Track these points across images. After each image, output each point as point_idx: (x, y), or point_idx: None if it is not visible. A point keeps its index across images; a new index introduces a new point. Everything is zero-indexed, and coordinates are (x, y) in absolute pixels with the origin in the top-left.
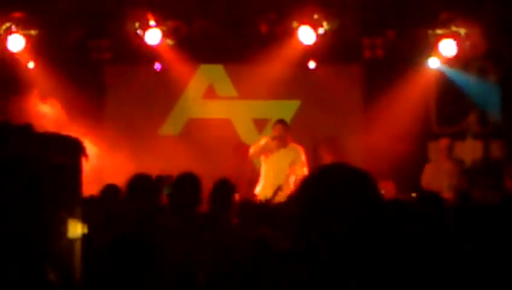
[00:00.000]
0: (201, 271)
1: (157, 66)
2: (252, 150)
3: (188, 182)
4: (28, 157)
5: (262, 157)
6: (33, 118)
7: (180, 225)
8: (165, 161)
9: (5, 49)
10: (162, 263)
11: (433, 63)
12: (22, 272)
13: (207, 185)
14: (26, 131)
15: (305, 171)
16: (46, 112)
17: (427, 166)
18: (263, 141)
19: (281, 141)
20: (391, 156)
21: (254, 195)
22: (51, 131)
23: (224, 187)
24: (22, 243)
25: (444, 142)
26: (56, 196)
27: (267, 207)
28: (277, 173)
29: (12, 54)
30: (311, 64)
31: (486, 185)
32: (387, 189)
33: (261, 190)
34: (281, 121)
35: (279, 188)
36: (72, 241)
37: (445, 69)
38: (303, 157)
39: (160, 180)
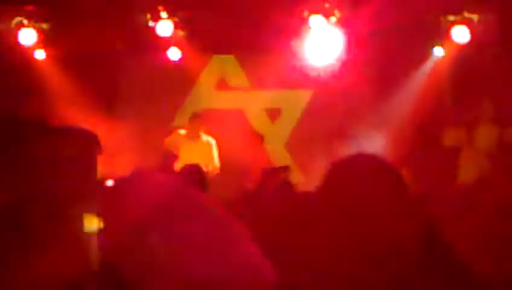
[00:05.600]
0: None
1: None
2: (166, 144)
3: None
4: (42, 151)
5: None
6: (46, 112)
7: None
8: None
9: (17, 43)
10: None
11: (438, 52)
12: (37, 268)
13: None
14: (40, 124)
15: (216, 163)
16: (58, 104)
17: None
18: (174, 136)
19: (192, 136)
20: (406, 144)
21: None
22: (65, 124)
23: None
24: (36, 238)
25: None
26: (71, 190)
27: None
28: None
29: (24, 48)
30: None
31: None
32: None
33: None
34: (197, 116)
35: None
36: (88, 235)
37: None
38: (214, 150)
39: None
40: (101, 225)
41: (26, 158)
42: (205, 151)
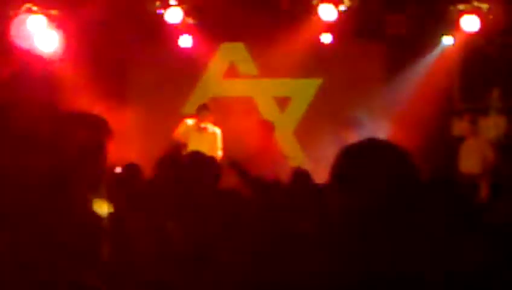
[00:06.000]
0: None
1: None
2: (175, 135)
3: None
4: (53, 136)
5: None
6: (56, 98)
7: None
8: None
9: (26, 30)
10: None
11: (447, 40)
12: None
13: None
14: (51, 110)
15: (218, 154)
16: (68, 91)
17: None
18: (183, 126)
19: (199, 126)
20: (414, 133)
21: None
22: (75, 109)
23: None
24: (48, 223)
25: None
26: (81, 175)
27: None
28: None
29: (32, 35)
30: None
31: None
32: None
33: None
34: (204, 107)
35: None
36: (97, 220)
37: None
38: (219, 140)
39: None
40: (111, 210)
41: (35, 143)
42: (211, 141)
